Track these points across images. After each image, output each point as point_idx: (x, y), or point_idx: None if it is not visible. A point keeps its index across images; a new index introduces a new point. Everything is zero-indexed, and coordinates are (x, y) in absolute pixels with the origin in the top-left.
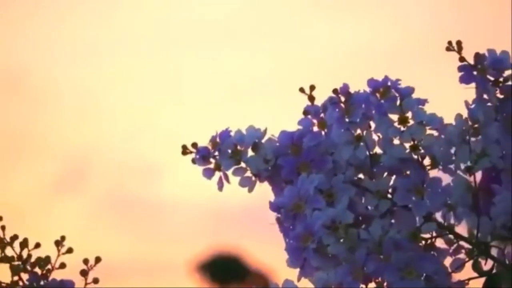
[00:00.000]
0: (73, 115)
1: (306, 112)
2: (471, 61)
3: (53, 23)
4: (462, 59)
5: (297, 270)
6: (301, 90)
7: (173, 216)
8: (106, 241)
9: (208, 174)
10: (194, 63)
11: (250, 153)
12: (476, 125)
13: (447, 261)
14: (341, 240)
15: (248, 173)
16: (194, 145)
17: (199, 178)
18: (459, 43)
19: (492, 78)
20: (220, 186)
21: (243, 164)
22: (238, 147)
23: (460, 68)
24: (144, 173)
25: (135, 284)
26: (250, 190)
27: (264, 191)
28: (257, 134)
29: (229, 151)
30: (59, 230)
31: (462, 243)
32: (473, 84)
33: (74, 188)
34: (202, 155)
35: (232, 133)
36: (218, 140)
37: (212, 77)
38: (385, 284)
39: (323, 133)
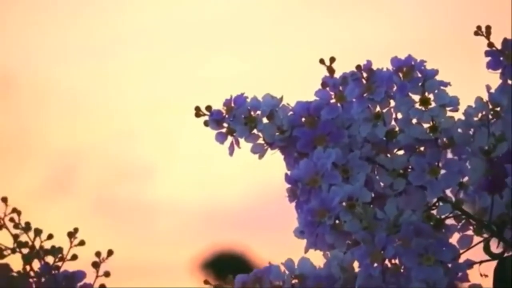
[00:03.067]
0: (64, 117)
1: (324, 83)
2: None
3: (42, 25)
4: (490, 44)
5: (305, 241)
6: (321, 61)
7: (166, 217)
8: (100, 242)
9: (221, 138)
10: (188, 65)
11: (265, 120)
12: (497, 109)
13: (455, 238)
14: (359, 218)
15: (261, 140)
16: (208, 108)
17: (191, 179)
18: (488, 28)
19: None
20: (231, 151)
21: (256, 131)
22: (252, 114)
23: (487, 53)
24: (137, 174)
25: (133, 284)
26: (261, 157)
27: (260, 191)
28: (273, 102)
29: (243, 117)
30: (51, 231)
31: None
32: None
33: (65, 189)
34: (215, 119)
35: (247, 99)
36: (232, 104)
37: (206, 78)
38: (402, 267)
39: (339, 106)
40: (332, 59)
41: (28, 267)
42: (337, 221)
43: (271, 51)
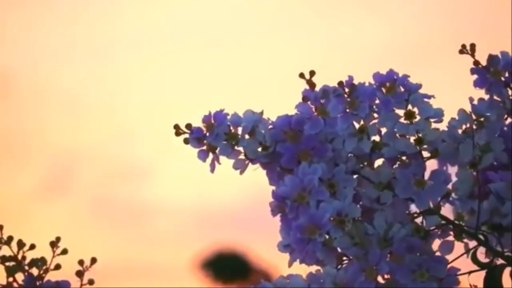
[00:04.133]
0: (62, 117)
1: (305, 98)
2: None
3: (41, 25)
4: (476, 62)
5: (288, 255)
6: (301, 75)
7: (165, 217)
8: (95, 243)
9: (203, 156)
10: (187, 65)
11: (247, 137)
12: (480, 119)
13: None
14: (349, 234)
15: (242, 156)
16: (188, 126)
17: (189, 179)
18: (472, 46)
19: (504, 80)
20: (213, 168)
21: (237, 147)
22: (233, 130)
23: (473, 71)
24: (136, 174)
25: (132, 285)
26: (242, 173)
27: (258, 191)
28: (254, 118)
29: (224, 133)
30: (47, 233)
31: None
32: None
33: (64, 189)
34: (196, 137)
35: (228, 116)
36: (212, 121)
37: (204, 78)
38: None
39: (322, 120)
40: (312, 73)
41: (11, 279)
42: (326, 237)
43: (274, 49)
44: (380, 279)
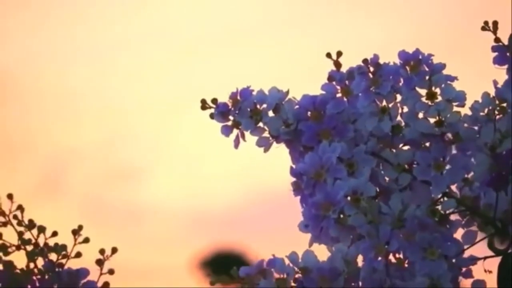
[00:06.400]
0: (55, 118)
1: (330, 77)
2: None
3: (36, 24)
4: (497, 39)
5: (309, 235)
6: (328, 55)
7: (160, 218)
8: (94, 243)
9: (226, 131)
10: (185, 66)
11: (270, 114)
12: (503, 104)
13: (459, 233)
14: (363, 212)
15: (266, 134)
16: (214, 100)
17: (184, 179)
18: (495, 23)
19: None
20: (237, 144)
21: (261, 124)
22: (258, 107)
23: (494, 49)
24: (132, 175)
25: (128, 285)
26: (266, 150)
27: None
28: (279, 95)
29: (249, 110)
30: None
31: None
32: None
33: (58, 191)
34: (221, 111)
35: (253, 92)
36: (238, 97)
37: (204, 78)
38: (405, 261)
39: (345, 100)
40: (339, 53)
41: (32, 264)
42: (341, 215)
43: (278, 46)
44: (393, 259)
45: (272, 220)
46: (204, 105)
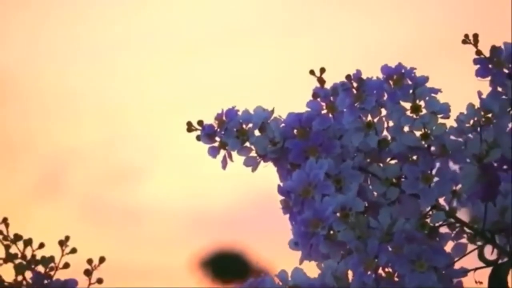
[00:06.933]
0: (53, 119)
1: (315, 94)
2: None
3: (36, 24)
4: (478, 52)
5: (299, 253)
6: (311, 72)
7: (159, 218)
8: (93, 244)
9: (213, 152)
10: (184, 65)
11: (257, 133)
12: (488, 115)
13: (449, 246)
14: (352, 228)
15: (253, 153)
16: (200, 122)
17: (183, 180)
18: (475, 36)
19: (507, 71)
20: (224, 165)
21: (248, 144)
22: (244, 127)
23: (476, 61)
24: (131, 176)
25: (127, 285)
26: (254, 170)
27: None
28: (264, 115)
29: (235, 130)
30: (42, 235)
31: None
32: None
33: (56, 192)
34: (207, 133)
35: (239, 112)
36: (224, 118)
37: (204, 79)
38: (395, 275)
39: (331, 116)
40: (322, 70)
41: (20, 277)
42: (331, 231)
43: (278, 46)
44: (383, 273)
45: (272, 220)
46: (190, 128)
